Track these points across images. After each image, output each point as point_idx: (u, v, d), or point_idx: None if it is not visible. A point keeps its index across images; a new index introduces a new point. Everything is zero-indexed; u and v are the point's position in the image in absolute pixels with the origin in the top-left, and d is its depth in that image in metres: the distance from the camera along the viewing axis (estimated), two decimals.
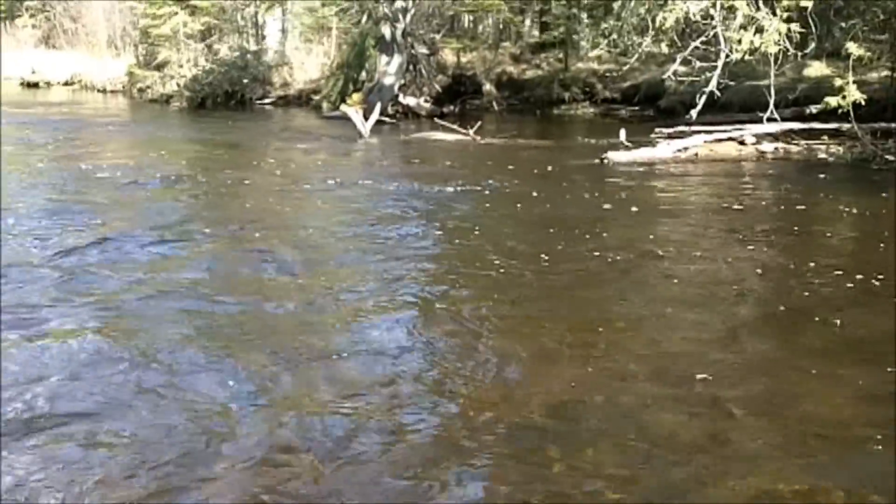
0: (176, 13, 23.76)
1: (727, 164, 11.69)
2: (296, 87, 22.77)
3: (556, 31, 20.20)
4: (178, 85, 23.13)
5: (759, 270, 6.12)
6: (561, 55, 20.31)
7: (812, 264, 6.16)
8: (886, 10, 12.60)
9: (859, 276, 5.73)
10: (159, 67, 24.16)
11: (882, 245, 6.79)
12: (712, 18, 12.14)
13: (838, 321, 4.86)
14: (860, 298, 5.40)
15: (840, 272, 5.87)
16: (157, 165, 11.41)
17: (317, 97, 21.14)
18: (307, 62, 23.21)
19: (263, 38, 24.79)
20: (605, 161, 11.63)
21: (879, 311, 5.12)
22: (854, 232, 7.75)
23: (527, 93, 20.12)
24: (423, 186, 9.82)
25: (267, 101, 22.76)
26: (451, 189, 9.55)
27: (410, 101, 19.05)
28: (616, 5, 15.53)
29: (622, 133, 12.98)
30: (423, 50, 19.75)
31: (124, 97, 24.88)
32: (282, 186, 10.00)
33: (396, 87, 18.68)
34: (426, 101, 19.33)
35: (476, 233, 7.34)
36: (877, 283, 5.63)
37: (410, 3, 18.96)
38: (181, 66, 23.45)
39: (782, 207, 8.74)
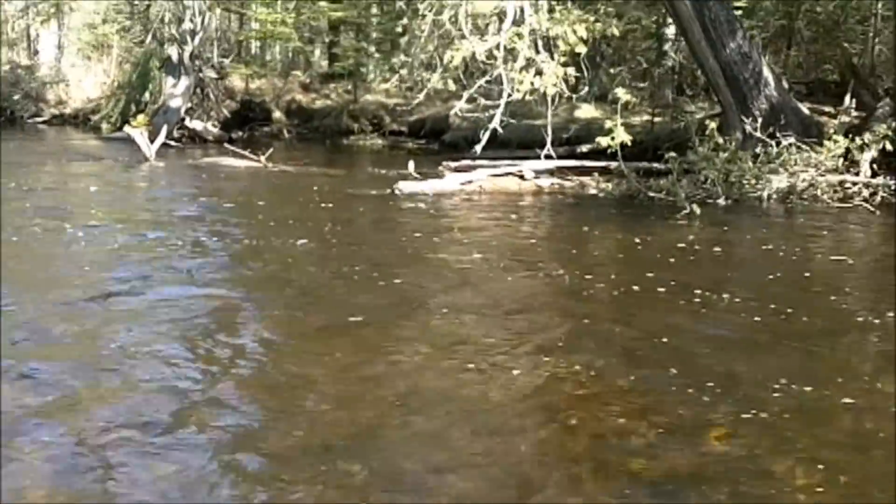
0: None
1: (509, 196, 12.44)
2: (73, 105, 21.89)
3: (345, 63, 20.63)
4: None
5: (535, 289, 6.68)
6: (350, 87, 20.78)
7: (583, 282, 6.79)
8: (648, 60, 13.89)
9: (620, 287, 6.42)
10: None
11: (641, 265, 7.54)
12: (496, 59, 12.89)
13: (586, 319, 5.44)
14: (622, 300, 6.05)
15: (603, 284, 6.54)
16: None
17: (96, 117, 20.42)
18: (85, 80, 22.34)
19: (37, 52, 23.63)
20: (397, 191, 12.05)
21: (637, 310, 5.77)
22: (618, 255, 8.54)
23: (316, 122, 20.43)
24: (213, 211, 9.82)
25: (40, 119, 21.70)
26: (242, 217, 9.61)
27: (197, 125, 18.81)
28: (403, 41, 16.13)
29: (411, 165, 13.47)
30: (212, 74, 19.59)
31: None
32: (60, 214, 9.59)
33: (183, 111, 18.40)
34: (214, 125, 19.17)
35: (268, 257, 7.49)
36: (636, 290, 6.34)
37: (199, 26, 18.78)
38: None
39: (555, 235, 9.48)
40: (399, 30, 16.97)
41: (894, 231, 10.30)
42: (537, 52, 12.59)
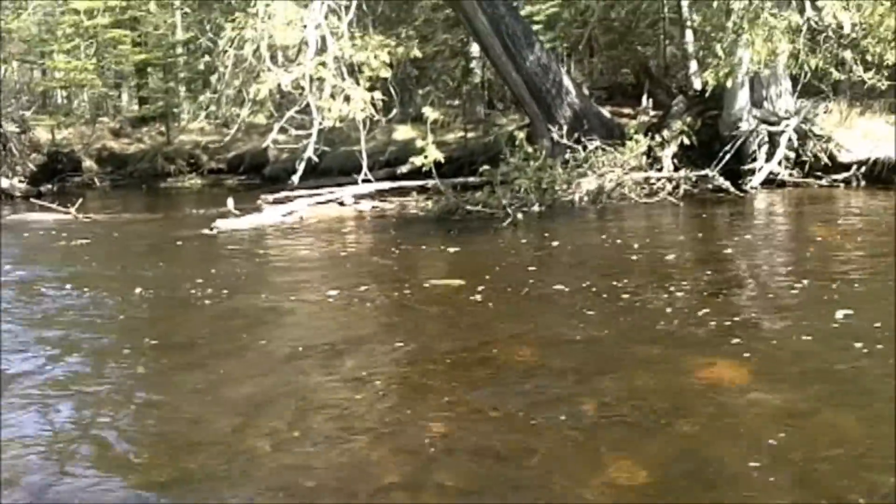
0: None
1: (330, 223, 12.43)
2: None
3: (155, 105, 20.12)
4: None
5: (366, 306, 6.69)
6: (163, 128, 20.26)
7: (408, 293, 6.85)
8: (454, 78, 14.20)
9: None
10: None
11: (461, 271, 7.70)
12: (304, 89, 12.84)
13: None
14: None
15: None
16: None
17: None
18: None
19: None
20: (215, 230, 11.81)
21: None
22: (440, 267, 8.68)
23: (130, 167, 19.84)
24: (13, 275, 9.35)
25: None
26: (46, 273, 9.19)
27: (2, 182, 17.89)
28: (213, 78, 15.83)
29: (230, 202, 13.26)
30: (13, 128, 18.68)
31: None
32: None
33: None
34: (21, 181, 18.28)
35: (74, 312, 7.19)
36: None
37: None
38: None
39: (377, 256, 9.53)
40: (202, 68, 16.70)
41: (691, 219, 10.95)
42: (343, 78, 12.63)
